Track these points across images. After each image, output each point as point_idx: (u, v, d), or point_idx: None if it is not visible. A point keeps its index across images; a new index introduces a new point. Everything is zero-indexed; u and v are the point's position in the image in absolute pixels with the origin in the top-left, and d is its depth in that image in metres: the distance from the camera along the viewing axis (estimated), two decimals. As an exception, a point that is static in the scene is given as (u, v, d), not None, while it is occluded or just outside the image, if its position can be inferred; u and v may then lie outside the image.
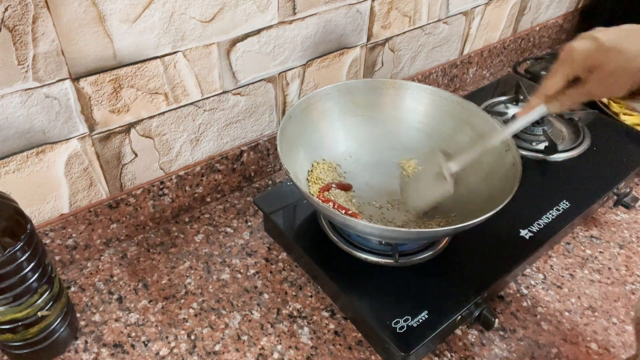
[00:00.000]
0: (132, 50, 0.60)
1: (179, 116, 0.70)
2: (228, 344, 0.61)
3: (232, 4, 0.65)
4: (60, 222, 0.66)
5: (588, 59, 0.48)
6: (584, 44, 0.48)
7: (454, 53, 1.07)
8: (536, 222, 0.70)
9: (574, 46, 0.49)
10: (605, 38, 0.46)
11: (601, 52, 0.47)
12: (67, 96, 0.58)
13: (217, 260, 0.72)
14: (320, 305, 0.66)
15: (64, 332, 0.58)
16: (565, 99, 0.52)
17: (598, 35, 0.47)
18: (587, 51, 0.48)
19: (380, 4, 0.84)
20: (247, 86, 0.75)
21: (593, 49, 0.47)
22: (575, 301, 0.68)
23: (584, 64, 0.48)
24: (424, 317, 0.57)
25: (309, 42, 0.78)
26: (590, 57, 0.48)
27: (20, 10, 0.50)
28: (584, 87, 0.50)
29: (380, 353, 0.60)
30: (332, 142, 0.74)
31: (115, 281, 0.68)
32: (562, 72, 0.50)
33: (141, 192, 0.72)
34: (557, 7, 1.26)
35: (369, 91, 0.75)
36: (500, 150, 0.66)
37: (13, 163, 0.59)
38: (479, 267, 0.64)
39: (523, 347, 0.62)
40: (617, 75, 0.47)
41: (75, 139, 0.62)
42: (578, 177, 0.79)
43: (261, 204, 0.72)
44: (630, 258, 0.75)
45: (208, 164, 0.77)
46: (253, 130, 0.81)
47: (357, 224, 0.57)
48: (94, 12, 0.55)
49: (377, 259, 0.64)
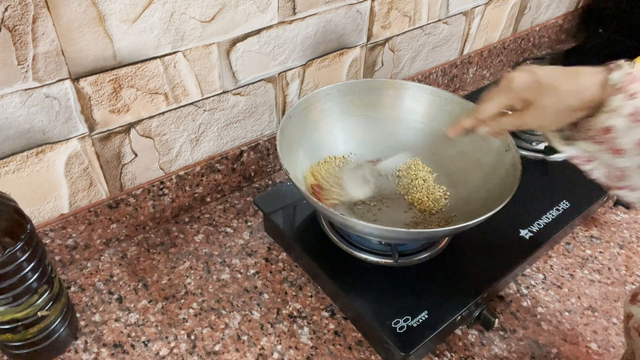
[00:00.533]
0: (132, 50, 0.60)
1: (179, 116, 0.70)
2: (228, 344, 0.61)
3: (232, 4, 0.65)
4: (60, 222, 0.66)
5: (525, 92, 0.50)
6: (524, 77, 0.50)
7: (454, 53, 1.07)
8: (536, 222, 0.70)
9: (513, 76, 0.51)
10: (542, 75, 0.49)
11: (537, 87, 0.49)
12: (67, 96, 0.58)
13: (217, 260, 0.72)
14: (320, 305, 0.66)
15: (63, 332, 0.58)
16: (496, 125, 0.54)
17: (537, 71, 0.49)
18: (525, 84, 0.50)
19: (380, 4, 0.84)
20: (247, 86, 0.75)
21: (531, 82, 0.49)
22: (575, 301, 0.68)
23: (521, 96, 0.51)
24: (424, 317, 0.57)
25: (309, 42, 0.78)
26: (527, 89, 0.50)
27: (20, 10, 0.50)
28: (520, 117, 0.52)
29: (380, 353, 0.60)
30: (332, 142, 0.74)
31: (115, 281, 0.68)
32: (498, 100, 0.53)
33: (141, 192, 0.72)
34: (557, 7, 1.26)
35: (369, 91, 0.75)
36: (500, 150, 0.66)
37: (13, 163, 0.59)
38: (479, 267, 0.64)
39: (523, 347, 0.62)
40: (549, 111, 0.49)
41: (75, 139, 0.62)
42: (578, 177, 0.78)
43: (261, 204, 0.72)
44: (630, 258, 0.75)
45: (208, 164, 0.77)
46: (253, 130, 0.81)
47: (357, 224, 0.57)
48: (94, 12, 0.55)
49: (377, 259, 0.64)
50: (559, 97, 0.48)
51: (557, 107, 0.48)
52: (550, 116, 0.49)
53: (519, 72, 0.51)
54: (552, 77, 0.49)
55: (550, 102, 0.49)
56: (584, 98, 0.47)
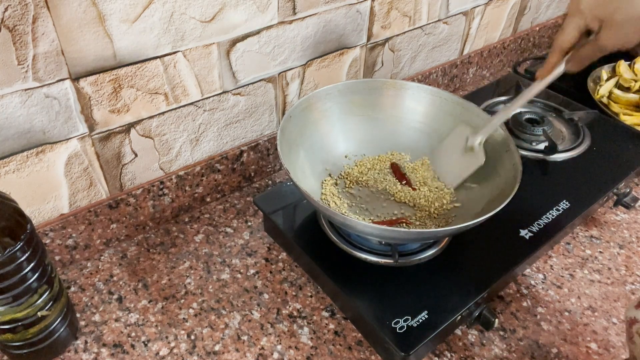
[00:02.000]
0: (132, 50, 0.60)
1: (179, 116, 0.70)
2: (228, 344, 0.61)
3: (232, 4, 0.65)
4: (60, 222, 0.66)
5: (596, 8, 0.47)
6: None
7: (454, 53, 1.07)
8: (536, 222, 0.70)
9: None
10: None
11: (608, 1, 0.46)
12: (67, 96, 0.58)
13: (217, 260, 0.72)
14: (320, 305, 0.66)
15: (63, 332, 0.58)
16: (580, 56, 0.52)
17: None
18: (594, 0, 0.47)
19: (380, 4, 0.84)
20: (247, 86, 0.75)
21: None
22: (575, 301, 0.68)
23: (593, 14, 0.48)
24: (424, 317, 0.57)
25: (309, 42, 0.78)
26: (598, 6, 0.47)
27: (20, 10, 0.50)
28: (595, 41, 0.49)
29: (380, 353, 0.60)
30: (332, 142, 0.74)
31: (115, 281, 0.68)
32: (573, 24, 0.50)
33: (141, 192, 0.72)
34: (557, 7, 1.26)
35: (369, 91, 0.75)
36: (500, 151, 0.66)
37: (13, 163, 0.59)
38: (479, 267, 0.64)
39: (523, 347, 0.62)
40: (627, 25, 0.46)
41: (75, 139, 0.62)
42: (578, 177, 0.79)
43: (261, 204, 0.72)
44: (630, 258, 0.75)
45: (208, 164, 0.77)
46: (253, 130, 0.81)
47: (357, 224, 0.57)
48: (94, 12, 0.55)
49: (377, 259, 0.64)
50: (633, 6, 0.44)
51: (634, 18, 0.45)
52: (630, 29, 0.46)
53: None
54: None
55: (625, 14, 0.45)
56: None
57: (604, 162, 0.82)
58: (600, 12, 0.47)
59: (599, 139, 0.87)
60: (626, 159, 0.83)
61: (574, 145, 0.85)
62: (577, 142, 0.86)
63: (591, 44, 0.50)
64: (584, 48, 0.51)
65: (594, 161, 0.82)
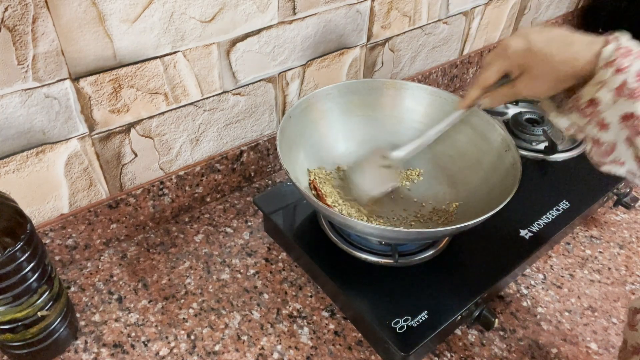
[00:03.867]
0: (132, 50, 0.60)
1: (178, 116, 0.70)
2: (228, 344, 0.61)
3: (232, 4, 0.65)
4: (60, 222, 0.66)
5: (519, 57, 0.51)
6: (518, 43, 0.51)
7: (454, 53, 1.07)
8: (536, 222, 0.70)
9: (509, 43, 0.51)
10: (535, 41, 0.49)
11: (530, 54, 0.50)
12: (67, 96, 0.58)
13: (217, 260, 0.72)
14: (320, 305, 0.66)
15: (63, 332, 0.58)
16: (496, 96, 0.56)
17: (531, 37, 0.50)
18: (519, 50, 0.50)
19: (380, 4, 0.84)
20: (247, 86, 0.75)
21: (524, 49, 0.50)
22: (575, 301, 0.68)
23: (515, 61, 0.51)
24: (424, 317, 0.57)
25: (308, 42, 0.78)
26: (521, 56, 0.50)
27: (20, 10, 0.50)
28: (513, 86, 0.53)
29: (380, 353, 0.60)
30: (332, 142, 0.74)
31: (115, 281, 0.68)
32: (496, 66, 0.54)
33: (141, 192, 0.72)
34: (557, 7, 1.26)
35: (369, 91, 0.75)
36: (500, 151, 0.66)
37: (13, 163, 0.59)
38: (479, 267, 0.64)
39: (523, 347, 0.62)
40: (542, 80, 0.50)
41: (75, 139, 0.62)
42: (578, 177, 0.79)
43: (261, 204, 0.72)
44: (630, 258, 0.75)
45: (208, 164, 0.77)
46: (253, 130, 0.81)
47: (357, 224, 0.57)
48: (94, 12, 0.55)
49: (377, 259, 0.64)
50: (551, 65, 0.48)
51: (549, 75, 0.49)
52: (543, 84, 0.50)
53: (514, 38, 0.51)
54: (546, 45, 0.49)
55: (542, 70, 0.49)
56: (575, 67, 0.47)
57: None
58: (522, 63, 0.51)
59: (599, 139, 0.87)
60: (626, 159, 0.83)
61: (574, 145, 0.85)
62: (577, 142, 0.86)
63: (508, 86, 0.54)
64: (502, 89, 0.55)
65: (594, 161, 0.82)
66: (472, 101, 0.59)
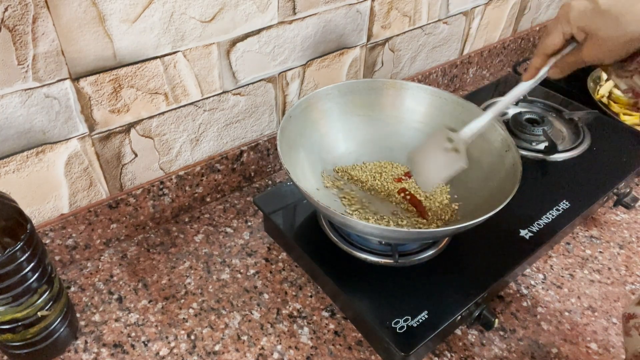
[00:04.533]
0: (132, 50, 0.60)
1: (179, 116, 0.70)
2: (228, 344, 0.61)
3: (232, 4, 0.65)
4: (60, 222, 0.66)
5: (583, 20, 0.48)
6: (581, 4, 0.48)
7: (454, 53, 1.07)
8: (536, 222, 0.70)
9: (572, 4, 0.49)
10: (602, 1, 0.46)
11: (596, 15, 0.46)
12: (67, 96, 0.58)
13: (217, 260, 0.72)
14: (320, 305, 0.66)
15: (63, 332, 0.58)
16: (563, 64, 0.52)
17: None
18: (583, 12, 0.48)
19: (380, 4, 0.84)
20: (247, 86, 0.75)
21: (589, 10, 0.47)
22: (575, 301, 0.68)
23: (579, 24, 0.48)
24: (424, 317, 0.57)
25: (309, 42, 0.78)
26: (585, 18, 0.47)
27: (20, 10, 0.50)
28: (579, 52, 0.50)
29: (380, 353, 0.60)
30: (332, 142, 0.74)
31: (115, 281, 0.68)
32: (558, 30, 0.51)
33: (141, 192, 0.72)
34: (557, 7, 1.26)
35: (369, 91, 0.75)
36: (500, 151, 0.66)
37: (13, 163, 0.59)
38: (479, 267, 0.64)
39: (523, 347, 0.62)
40: (609, 43, 0.47)
41: (75, 139, 0.62)
42: (578, 177, 0.79)
43: (261, 204, 0.72)
44: (630, 258, 0.75)
45: (208, 164, 0.77)
46: (253, 130, 0.81)
47: (357, 224, 0.57)
48: (94, 12, 0.55)
49: (377, 259, 0.64)
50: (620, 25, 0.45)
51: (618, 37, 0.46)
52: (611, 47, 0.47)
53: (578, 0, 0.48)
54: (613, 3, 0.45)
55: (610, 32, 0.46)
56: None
57: (604, 162, 0.82)
58: (587, 26, 0.48)
59: (599, 139, 0.87)
60: (626, 159, 0.83)
61: (574, 145, 0.85)
62: (577, 142, 0.86)
63: (574, 53, 0.51)
64: (568, 56, 0.52)
65: (594, 161, 0.82)
66: (536, 70, 0.55)
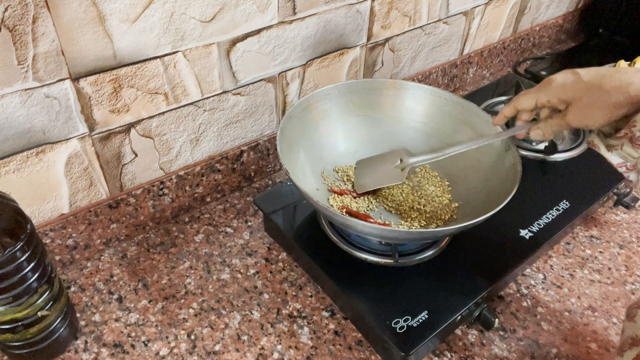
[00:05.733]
0: (132, 50, 0.60)
1: (179, 116, 0.70)
2: (228, 344, 0.61)
3: (232, 4, 0.65)
4: (60, 222, 0.66)
5: (564, 91, 0.52)
6: (564, 77, 0.52)
7: (454, 53, 1.07)
8: (536, 222, 0.70)
9: (554, 77, 0.53)
10: (584, 73, 0.51)
11: (580, 85, 0.51)
12: (67, 96, 0.58)
13: (217, 260, 0.72)
14: (320, 305, 0.66)
15: (64, 332, 0.58)
16: (546, 127, 0.56)
17: (578, 71, 0.51)
18: (564, 84, 0.52)
19: (380, 4, 0.84)
20: (247, 86, 0.75)
21: (571, 81, 0.51)
22: (575, 301, 0.68)
23: (559, 96, 0.52)
24: (424, 317, 0.57)
25: (309, 42, 0.78)
26: (567, 89, 0.52)
27: (20, 10, 0.50)
28: (563, 117, 0.53)
29: (380, 353, 0.60)
30: (332, 142, 0.74)
31: (115, 281, 0.68)
32: (533, 97, 0.55)
33: (141, 192, 0.72)
34: (557, 7, 1.26)
35: (369, 91, 0.75)
36: (500, 151, 0.66)
37: (13, 163, 0.59)
38: (479, 267, 0.64)
39: (523, 347, 0.62)
40: (594, 108, 0.50)
41: (75, 139, 0.62)
42: (578, 177, 0.79)
43: (261, 204, 0.72)
44: (630, 258, 0.75)
45: (208, 164, 0.77)
46: (253, 130, 0.81)
47: (357, 224, 0.57)
48: (94, 12, 0.55)
49: (377, 259, 0.64)
50: (603, 93, 0.49)
51: (602, 103, 0.49)
52: (595, 112, 0.50)
53: (560, 73, 0.52)
54: (595, 75, 0.50)
55: (593, 99, 0.49)
56: (628, 93, 0.47)
57: (604, 162, 0.82)
58: (569, 97, 0.52)
59: (599, 139, 0.87)
60: (626, 159, 0.83)
61: (574, 145, 0.85)
62: (577, 142, 0.86)
63: (558, 117, 0.55)
64: (551, 120, 0.56)
65: (594, 161, 0.82)
66: (505, 118, 0.60)
